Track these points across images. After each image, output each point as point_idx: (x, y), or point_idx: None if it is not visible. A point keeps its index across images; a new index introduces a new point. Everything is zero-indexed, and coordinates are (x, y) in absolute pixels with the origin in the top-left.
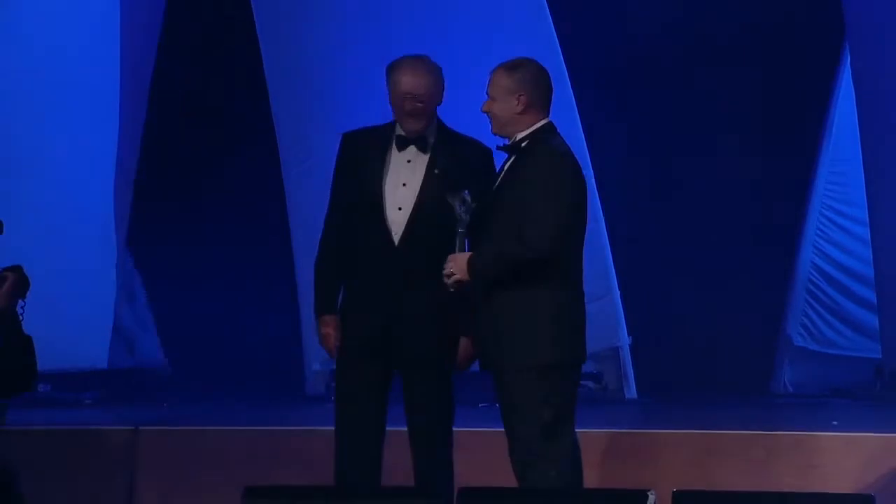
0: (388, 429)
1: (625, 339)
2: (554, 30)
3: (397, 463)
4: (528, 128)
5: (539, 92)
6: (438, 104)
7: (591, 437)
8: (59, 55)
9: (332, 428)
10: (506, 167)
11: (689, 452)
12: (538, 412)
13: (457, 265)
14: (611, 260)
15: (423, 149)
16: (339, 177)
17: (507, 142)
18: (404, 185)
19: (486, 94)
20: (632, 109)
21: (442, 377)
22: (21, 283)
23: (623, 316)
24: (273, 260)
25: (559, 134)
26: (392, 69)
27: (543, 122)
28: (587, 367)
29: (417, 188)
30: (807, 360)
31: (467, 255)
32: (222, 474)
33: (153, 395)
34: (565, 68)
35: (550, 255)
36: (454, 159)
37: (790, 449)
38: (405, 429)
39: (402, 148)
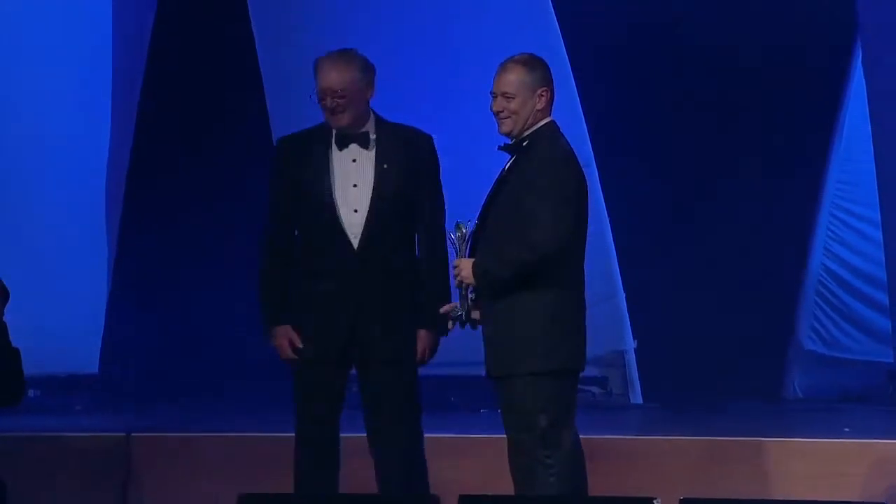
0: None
1: (630, 343)
2: (558, 26)
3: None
4: (533, 126)
5: (553, 89)
6: (368, 97)
7: (595, 443)
8: (48, 55)
9: None
10: (507, 167)
11: (696, 459)
12: (536, 418)
13: (463, 269)
14: (616, 261)
15: (365, 145)
16: (280, 183)
17: (509, 141)
18: (355, 185)
19: (497, 93)
20: (638, 109)
21: (408, 375)
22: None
23: (628, 319)
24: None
25: (561, 132)
26: (315, 66)
27: (547, 120)
28: (591, 371)
29: (370, 187)
30: (818, 365)
31: (471, 260)
32: (216, 482)
33: (146, 401)
34: (569, 65)
35: (557, 255)
36: (400, 151)
37: (800, 456)
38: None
39: (343, 146)
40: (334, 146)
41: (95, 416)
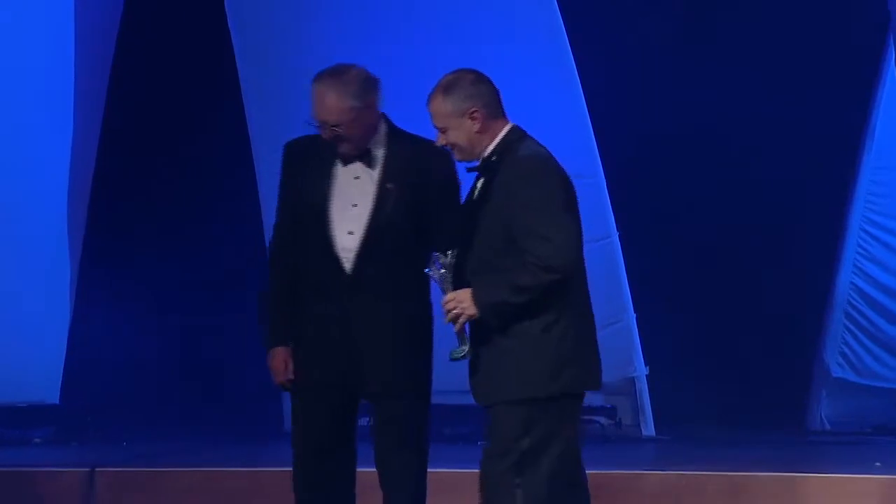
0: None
1: (641, 369)
2: (564, 30)
3: None
4: (492, 140)
5: (486, 99)
6: (371, 120)
7: (603, 478)
8: (9, 56)
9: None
10: (478, 187)
11: (712, 496)
12: (512, 445)
13: (462, 302)
14: (625, 281)
15: (369, 163)
16: (282, 193)
17: (477, 162)
18: (354, 205)
19: (435, 127)
20: (648, 116)
21: (410, 405)
22: None
23: (639, 343)
24: (246, 272)
25: (529, 135)
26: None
27: (507, 128)
28: (598, 400)
29: (369, 210)
30: (846, 393)
31: (468, 290)
32: None
33: (110, 433)
34: (576, 72)
35: (574, 271)
36: (409, 169)
37: (827, 493)
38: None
39: (347, 163)
40: (339, 161)
41: (57, 449)
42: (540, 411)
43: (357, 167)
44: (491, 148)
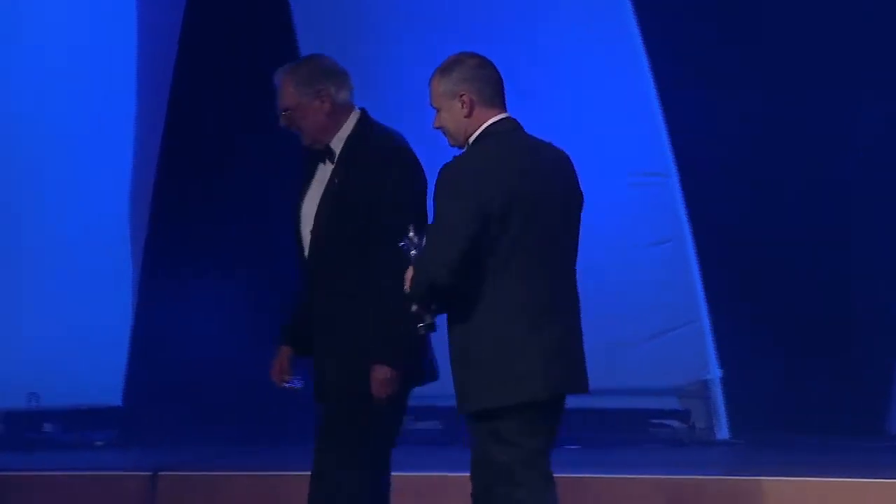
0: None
1: (715, 372)
2: (637, 27)
3: None
4: (477, 128)
5: (482, 86)
6: (324, 110)
7: (675, 483)
8: (71, 57)
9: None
10: None
11: (787, 502)
12: (480, 463)
13: (407, 280)
14: (699, 281)
15: (331, 160)
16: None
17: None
18: (318, 203)
19: (432, 107)
20: (725, 110)
21: (343, 412)
22: None
23: (713, 345)
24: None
25: (512, 132)
26: None
27: (496, 119)
28: (671, 403)
29: (317, 205)
30: None
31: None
32: None
33: (174, 436)
34: (649, 70)
35: (449, 284)
36: (357, 167)
37: None
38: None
39: (320, 159)
40: (324, 160)
41: (118, 452)
42: (493, 424)
43: (328, 166)
44: (474, 137)
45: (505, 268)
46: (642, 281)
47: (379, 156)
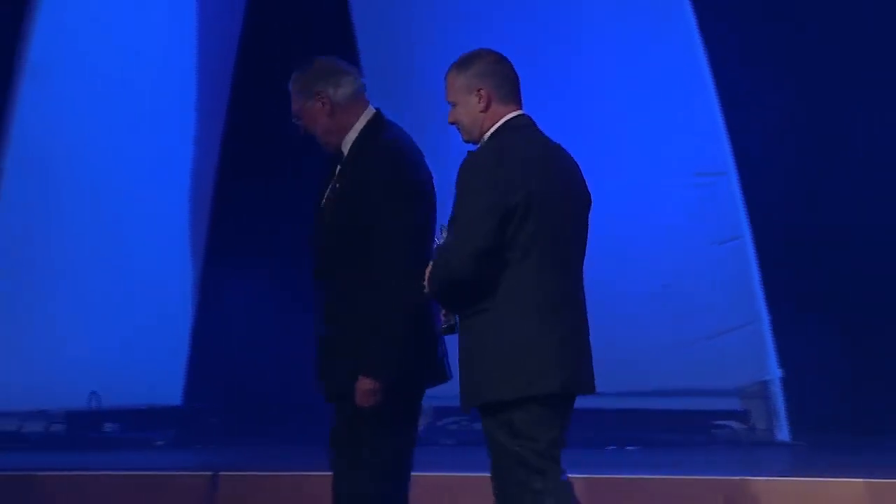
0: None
1: (775, 372)
2: (696, 27)
3: None
4: (493, 124)
5: (500, 81)
6: (327, 110)
7: (735, 484)
8: (134, 56)
9: (424, 472)
10: None
11: None
12: (497, 457)
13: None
14: (758, 281)
15: (340, 161)
16: None
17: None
18: None
19: (447, 101)
20: (784, 112)
21: (351, 415)
22: None
23: (772, 345)
24: None
25: (527, 128)
26: None
27: (513, 115)
28: (731, 404)
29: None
30: None
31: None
32: None
33: (234, 436)
34: (709, 69)
35: (472, 278)
36: (357, 170)
37: None
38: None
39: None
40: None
41: (178, 452)
42: (502, 418)
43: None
44: (489, 133)
45: (522, 262)
46: (703, 281)
47: (376, 158)
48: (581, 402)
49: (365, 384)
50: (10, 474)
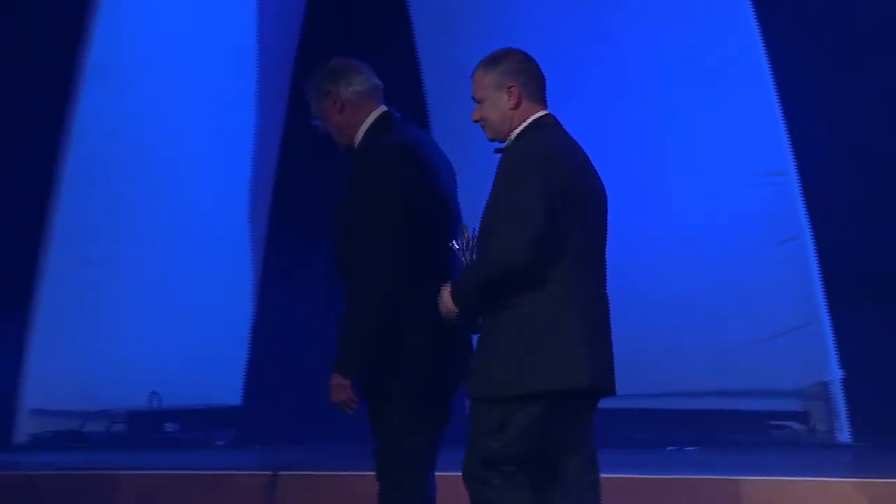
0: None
1: (836, 373)
2: (756, 25)
3: None
4: (522, 122)
5: (528, 80)
6: (338, 107)
7: (795, 485)
8: (195, 55)
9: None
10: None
11: None
12: (480, 448)
13: (444, 298)
14: (818, 281)
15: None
16: None
17: (504, 144)
18: None
19: (473, 99)
20: (845, 105)
21: (375, 409)
22: None
23: (833, 346)
24: None
25: (555, 126)
26: None
27: (539, 114)
28: (791, 405)
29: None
30: None
31: (448, 287)
32: None
33: (294, 435)
34: (769, 68)
35: (526, 266)
36: (354, 168)
37: None
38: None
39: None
40: None
41: (238, 452)
42: (515, 409)
43: None
44: (517, 131)
45: (558, 255)
46: (763, 281)
47: (367, 159)
48: (640, 403)
49: (333, 379)
50: (71, 473)
